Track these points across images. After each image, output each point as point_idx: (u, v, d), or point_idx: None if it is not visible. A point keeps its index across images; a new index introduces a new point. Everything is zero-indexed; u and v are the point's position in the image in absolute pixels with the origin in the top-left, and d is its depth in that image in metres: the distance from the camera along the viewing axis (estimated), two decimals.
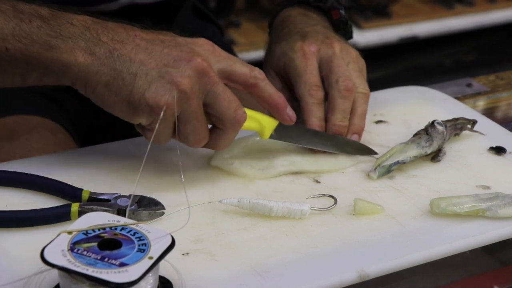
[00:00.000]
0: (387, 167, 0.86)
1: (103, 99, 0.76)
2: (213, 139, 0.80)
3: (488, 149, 0.93)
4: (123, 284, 0.60)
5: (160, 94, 0.74)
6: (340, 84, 0.90)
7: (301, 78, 0.91)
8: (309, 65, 0.92)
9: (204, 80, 0.76)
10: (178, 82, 0.74)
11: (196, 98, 0.76)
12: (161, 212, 0.77)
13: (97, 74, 0.75)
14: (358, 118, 0.92)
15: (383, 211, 0.80)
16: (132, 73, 0.74)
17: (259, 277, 0.69)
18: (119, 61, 0.75)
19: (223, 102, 0.77)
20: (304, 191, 0.83)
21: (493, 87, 1.16)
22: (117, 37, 0.76)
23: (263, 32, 2.56)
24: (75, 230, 0.65)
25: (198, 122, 0.77)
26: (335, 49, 0.93)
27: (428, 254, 0.74)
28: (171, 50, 0.76)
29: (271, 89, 0.83)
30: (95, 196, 0.77)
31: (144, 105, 0.74)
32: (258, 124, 0.84)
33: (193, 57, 0.76)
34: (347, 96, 0.90)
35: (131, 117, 0.76)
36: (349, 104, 0.91)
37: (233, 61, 0.80)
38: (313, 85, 0.91)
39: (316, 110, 0.90)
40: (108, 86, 0.75)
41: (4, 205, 0.77)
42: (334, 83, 0.91)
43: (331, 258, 0.73)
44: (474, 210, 0.79)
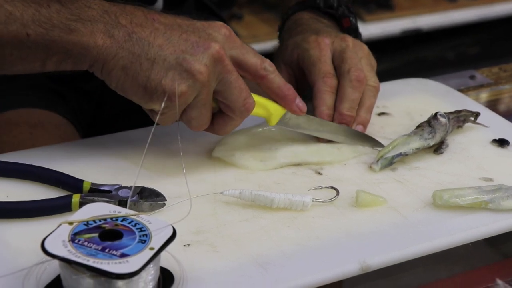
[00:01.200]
0: (389, 159, 0.86)
1: (119, 82, 0.76)
2: (219, 124, 0.81)
3: (491, 141, 0.93)
4: (124, 274, 0.60)
5: (177, 82, 0.75)
6: (351, 74, 0.91)
7: (315, 66, 0.92)
8: (323, 55, 0.93)
9: (219, 68, 0.77)
10: (196, 70, 0.75)
11: (209, 86, 0.77)
12: (163, 203, 0.76)
13: (115, 57, 0.75)
14: (365, 110, 0.92)
15: (385, 203, 0.80)
16: (150, 59, 0.75)
17: (260, 268, 0.69)
18: (138, 44, 0.75)
19: (234, 90, 0.78)
20: (306, 182, 0.83)
21: (496, 79, 1.16)
22: (136, 20, 0.76)
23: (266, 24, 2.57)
24: (76, 221, 0.64)
25: (204, 109, 0.78)
26: (348, 43, 0.94)
27: (431, 246, 0.74)
28: (189, 35, 0.77)
29: (280, 80, 0.83)
30: (96, 187, 0.77)
31: (161, 91, 0.75)
32: (266, 111, 0.85)
33: (210, 44, 0.76)
34: (357, 87, 0.91)
35: (145, 102, 0.76)
36: (358, 95, 0.91)
37: (246, 50, 0.81)
38: (327, 72, 0.91)
39: (327, 98, 0.91)
40: (125, 70, 0.75)
41: (5, 196, 0.76)
42: (346, 72, 0.91)
43: (333, 249, 0.72)
44: (476, 202, 0.79)
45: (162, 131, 0.86)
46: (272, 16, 2.53)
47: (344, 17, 1.03)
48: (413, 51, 2.86)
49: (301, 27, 0.99)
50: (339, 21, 1.03)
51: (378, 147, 0.90)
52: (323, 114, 0.90)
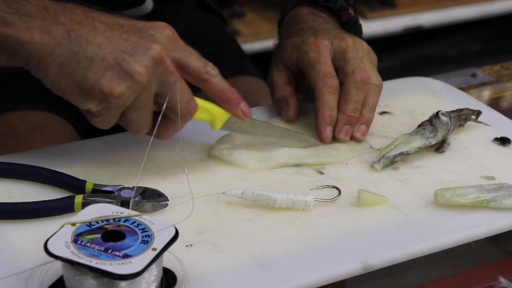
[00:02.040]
0: (391, 158, 0.86)
1: (55, 81, 0.74)
2: (160, 128, 0.78)
3: (492, 140, 0.93)
4: (126, 275, 0.60)
5: (115, 82, 0.73)
6: (356, 75, 0.90)
7: (315, 68, 0.91)
8: (322, 56, 0.92)
9: (160, 70, 0.75)
10: (135, 71, 0.73)
11: (149, 88, 0.75)
12: (165, 204, 0.76)
13: (52, 55, 0.73)
14: (368, 110, 0.91)
15: (387, 202, 0.80)
16: (88, 57, 0.73)
17: (263, 268, 0.69)
18: (76, 42, 0.73)
19: (176, 93, 0.76)
20: (308, 182, 0.83)
21: (498, 77, 1.16)
22: (75, 18, 0.74)
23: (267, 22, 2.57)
24: (79, 222, 0.65)
25: (144, 112, 0.76)
26: (348, 42, 0.93)
27: (433, 245, 0.74)
28: (130, 35, 0.75)
29: (224, 84, 0.81)
30: (98, 188, 0.77)
31: (98, 91, 0.73)
32: (210, 115, 0.83)
33: (151, 45, 0.74)
34: (362, 88, 0.90)
35: (81, 101, 0.74)
36: (362, 96, 0.90)
37: (189, 52, 0.78)
38: (327, 73, 0.91)
39: (329, 99, 0.90)
40: (62, 67, 0.73)
41: (8, 197, 0.77)
42: (350, 73, 0.90)
43: (335, 249, 0.73)
44: (478, 200, 0.79)
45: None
46: (274, 14, 2.52)
47: (342, 10, 1.02)
48: (415, 49, 2.86)
49: (299, 26, 0.99)
50: (337, 14, 1.02)
51: None
52: (326, 116, 0.89)
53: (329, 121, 0.90)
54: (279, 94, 0.95)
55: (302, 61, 0.93)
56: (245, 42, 2.27)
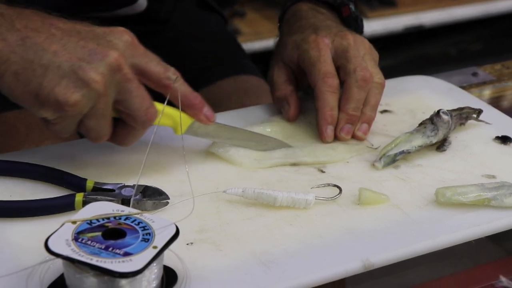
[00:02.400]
0: (392, 157, 0.86)
1: (10, 89, 0.73)
2: (120, 135, 0.78)
3: (493, 139, 0.93)
4: (127, 273, 0.60)
5: (70, 90, 0.71)
6: (357, 73, 0.90)
7: (315, 67, 0.90)
8: (323, 55, 0.91)
9: (118, 77, 0.73)
10: (91, 79, 0.71)
11: (107, 96, 0.73)
12: (166, 202, 0.76)
13: (7, 62, 0.71)
14: (370, 108, 0.91)
15: (388, 200, 0.80)
16: (44, 65, 0.71)
17: (263, 266, 0.69)
18: (31, 50, 0.71)
19: (135, 99, 0.75)
20: (308, 180, 0.83)
21: (499, 76, 1.16)
22: (31, 25, 0.73)
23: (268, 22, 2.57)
24: (79, 220, 0.65)
25: (103, 119, 0.75)
26: (350, 40, 0.92)
27: (433, 244, 0.74)
28: (87, 42, 0.73)
29: (186, 89, 0.80)
30: (99, 186, 0.77)
31: (53, 100, 0.71)
32: (172, 121, 0.81)
33: (108, 52, 0.73)
34: (363, 86, 0.90)
35: (36, 110, 0.73)
36: (364, 95, 0.90)
37: (149, 58, 0.77)
38: (327, 72, 0.90)
39: (329, 98, 0.89)
40: (17, 75, 0.72)
41: (9, 195, 0.77)
42: (352, 72, 0.90)
43: (336, 247, 0.72)
44: (479, 199, 0.79)
45: (164, 130, 0.87)
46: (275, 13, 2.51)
47: (343, 6, 1.01)
48: (416, 48, 2.86)
49: (300, 22, 0.98)
50: (338, 10, 1.02)
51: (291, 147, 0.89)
52: (327, 115, 0.89)
53: (330, 121, 0.89)
54: (279, 93, 0.94)
55: (303, 59, 0.92)
56: (245, 42, 2.27)
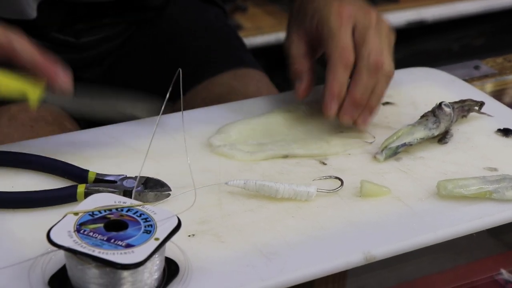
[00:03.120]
0: (394, 149, 0.86)
1: None
2: None
3: (495, 131, 0.93)
4: (129, 265, 0.60)
5: None
6: (371, 58, 0.87)
7: (334, 39, 0.87)
8: (344, 25, 0.88)
9: None
10: None
11: None
12: (167, 194, 0.77)
13: None
14: (376, 98, 0.88)
15: (390, 193, 0.80)
16: None
17: (265, 258, 0.69)
18: None
19: None
20: (310, 173, 0.83)
21: (501, 70, 1.16)
22: None
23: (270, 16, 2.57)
24: (81, 211, 0.65)
25: None
26: (372, 19, 0.89)
27: (435, 236, 0.74)
28: None
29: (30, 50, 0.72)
30: (101, 178, 0.77)
31: None
32: (20, 93, 0.73)
33: None
34: (374, 73, 0.87)
35: None
36: (373, 82, 0.87)
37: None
38: (345, 47, 0.87)
39: (341, 74, 0.86)
40: None
41: (11, 186, 0.77)
42: (366, 56, 0.87)
43: (337, 239, 0.73)
44: (481, 192, 0.79)
45: (166, 121, 0.87)
46: (277, 8, 2.52)
47: None
48: (418, 43, 2.86)
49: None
50: None
51: None
52: (334, 89, 0.86)
53: (336, 95, 0.87)
54: (296, 67, 0.92)
55: (322, 27, 0.89)
56: (247, 36, 2.27)
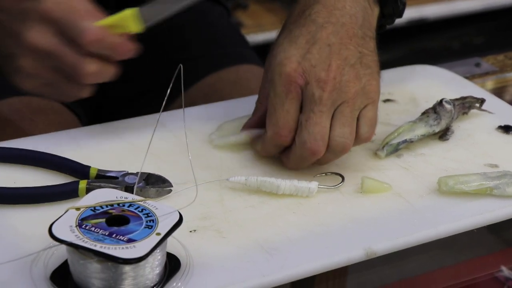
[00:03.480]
0: (395, 146, 0.86)
1: None
2: None
3: (496, 128, 0.93)
4: (131, 259, 0.60)
5: None
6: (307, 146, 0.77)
7: (272, 115, 0.78)
8: (289, 98, 0.77)
9: None
10: None
11: None
12: (169, 190, 0.77)
13: None
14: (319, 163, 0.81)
15: (391, 189, 0.80)
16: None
17: (266, 254, 0.69)
18: None
19: None
20: (311, 169, 0.83)
21: (502, 67, 1.16)
22: None
23: (271, 14, 2.56)
24: (83, 206, 0.65)
25: None
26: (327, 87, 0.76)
27: (436, 232, 0.74)
28: None
29: None
30: (103, 173, 0.77)
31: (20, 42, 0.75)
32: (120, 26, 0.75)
33: None
34: (309, 158, 0.79)
35: None
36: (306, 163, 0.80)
37: None
38: (279, 131, 0.78)
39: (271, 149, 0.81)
40: None
41: (13, 182, 0.77)
42: (301, 143, 0.78)
43: (338, 235, 0.73)
44: (482, 188, 0.79)
45: (167, 118, 0.87)
46: (278, 5, 2.52)
47: None
48: (419, 41, 2.85)
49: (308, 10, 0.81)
50: None
51: None
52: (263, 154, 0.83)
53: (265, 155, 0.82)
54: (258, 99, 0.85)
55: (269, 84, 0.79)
56: (248, 34, 2.26)
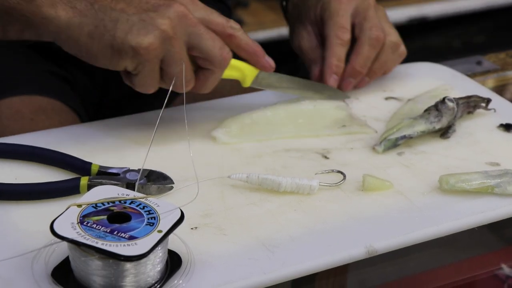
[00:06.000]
0: (393, 141, 0.86)
1: (87, 50, 0.77)
2: (200, 80, 0.82)
3: (497, 126, 0.93)
4: (132, 257, 0.60)
5: (141, 34, 0.75)
6: (372, 32, 0.94)
7: (332, 19, 0.95)
8: (342, 8, 0.95)
9: (185, 22, 0.77)
10: (159, 23, 0.76)
11: (178, 38, 0.77)
12: (170, 187, 0.77)
13: (80, 25, 0.76)
14: (378, 64, 0.96)
15: (392, 187, 0.80)
16: (114, 20, 0.76)
17: (267, 251, 0.69)
18: (100, 11, 0.76)
19: (208, 41, 0.79)
20: (313, 166, 0.83)
21: (503, 65, 1.16)
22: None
23: (272, 12, 2.56)
24: (85, 203, 0.65)
25: (181, 63, 0.78)
26: (370, 1, 0.97)
27: (437, 230, 0.74)
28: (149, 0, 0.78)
29: (247, 38, 0.84)
30: (104, 170, 0.77)
31: (127, 47, 0.75)
32: (240, 72, 0.87)
33: (171, 3, 0.77)
34: (376, 46, 0.94)
35: (116, 61, 0.77)
36: (374, 54, 0.95)
37: (210, 11, 0.81)
38: (341, 26, 0.94)
39: (338, 50, 0.94)
40: (91, 35, 0.76)
41: (14, 178, 0.77)
42: (367, 29, 0.94)
43: (340, 233, 0.73)
44: (483, 186, 0.79)
45: (169, 114, 0.87)
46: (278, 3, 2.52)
47: None
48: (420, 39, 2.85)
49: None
50: None
51: (346, 98, 0.95)
52: (333, 65, 0.94)
53: (334, 70, 0.94)
54: (310, 57, 0.98)
55: (324, 10, 0.96)
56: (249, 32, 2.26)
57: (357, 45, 0.95)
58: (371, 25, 0.95)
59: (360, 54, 0.94)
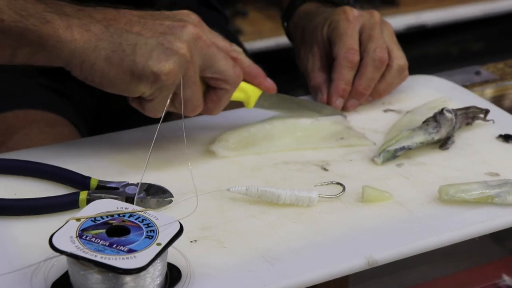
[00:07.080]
0: (392, 152, 0.86)
1: (103, 75, 0.75)
2: (212, 101, 0.82)
3: (496, 137, 0.93)
4: (131, 270, 0.60)
5: (163, 60, 0.75)
6: (376, 53, 0.95)
7: (341, 39, 0.96)
8: (351, 28, 0.96)
9: (200, 44, 0.78)
10: (178, 47, 0.76)
11: (194, 62, 0.77)
12: (169, 200, 0.77)
13: (96, 50, 0.74)
14: (383, 84, 0.97)
15: (392, 198, 0.80)
16: (131, 44, 0.75)
17: (267, 264, 0.69)
18: (116, 34, 0.75)
19: (222, 61, 0.79)
20: (312, 178, 0.83)
21: (502, 75, 1.16)
22: (109, 16, 0.76)
23: (270, 21, 2.57)
24: (84, 217, 0.65)
25: (196, 87, 0.79)
26: (376, 19, 0.97)
27: (437, 241, 0.74)
28: (163, 21, 0.78)
29: (250, 61, 0.86)
30: (103, 184, 0.77)
31: (149, 72, 0.75)
32: (244, 94, 0.88)
33: (186, 24, 0.78)
34: (379, 67, 0.95)
35: (134, 87, 0.76)
36: (377, 75, 0.95)
37: (214, 34, 0.82)
38: (350, 48, 0.95)
39: (346, 73, 0.95)
40: (109, 59, 0.74)
41: (13, 194, 0.77)
42: (371, 51, 0.95)
43: (339, 245, 0.73)
44: (483, 196, 0.79)
45: (167, 128, 0.87)
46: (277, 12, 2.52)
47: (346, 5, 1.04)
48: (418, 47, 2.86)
49: (317, 18, 1.02)
50: None
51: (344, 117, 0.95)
52: (339, 88, 0.95)
53: (341, 94, 0.95)
54: (313, 83, 0.99)
55: (332, 29, 0.97)
56: (247, 41, 2.27)
57: (361, 66, 0.95)
58: (375, 46, 0.95)
59: (363, 76, 0.95)
